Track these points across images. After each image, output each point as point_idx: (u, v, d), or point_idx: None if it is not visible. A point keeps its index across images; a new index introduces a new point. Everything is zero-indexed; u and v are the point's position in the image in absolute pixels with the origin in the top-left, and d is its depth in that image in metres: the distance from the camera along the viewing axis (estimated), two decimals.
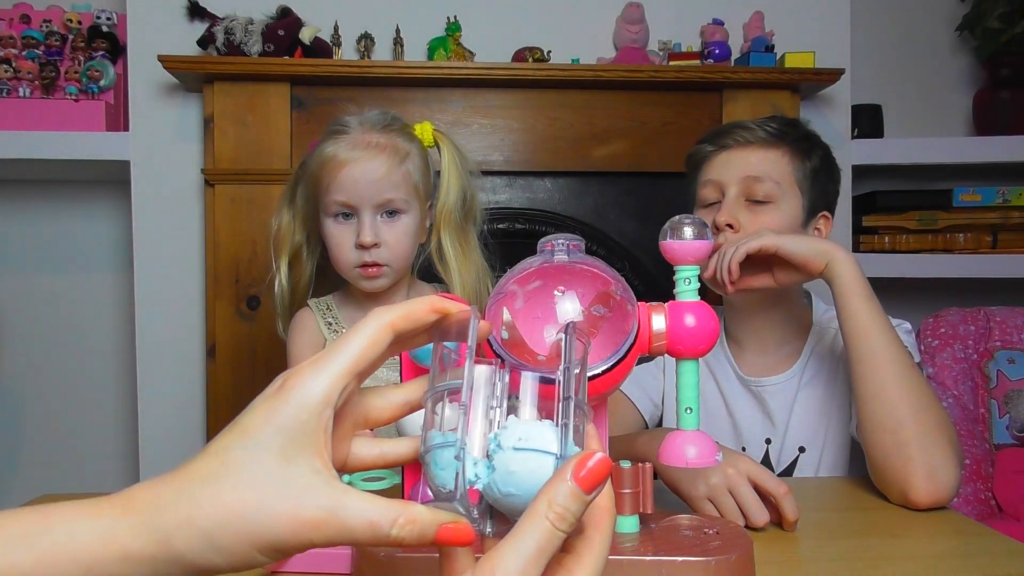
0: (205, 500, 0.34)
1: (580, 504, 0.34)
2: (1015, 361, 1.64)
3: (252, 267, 1.84)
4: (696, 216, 0.67)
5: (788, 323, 1.21)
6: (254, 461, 0.35)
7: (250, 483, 0.34)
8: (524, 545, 0.33)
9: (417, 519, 0.35)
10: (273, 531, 0.34)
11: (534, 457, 0.36)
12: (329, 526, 0.34)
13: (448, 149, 1.22)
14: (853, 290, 1.02)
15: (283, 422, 0.36)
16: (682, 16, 2.01)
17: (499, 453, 0.36)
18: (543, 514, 0.33)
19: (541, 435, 0.37)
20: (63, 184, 2.17)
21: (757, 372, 1.21)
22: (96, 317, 2.19)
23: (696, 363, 0.66)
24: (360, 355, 0.38)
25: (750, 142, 1.18)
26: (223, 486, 0.34)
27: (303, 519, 0.34)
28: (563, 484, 0.34)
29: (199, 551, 0.34)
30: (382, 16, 1.94)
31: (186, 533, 0.34)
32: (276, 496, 0.34)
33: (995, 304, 1.76)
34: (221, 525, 0.34)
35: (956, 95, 2.35)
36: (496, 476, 0.36)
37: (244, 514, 0.34)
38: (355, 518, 0.34)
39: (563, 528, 0.33)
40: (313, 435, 0.36)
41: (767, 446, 1.18)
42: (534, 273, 0.64)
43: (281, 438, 0.35)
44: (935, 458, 0.92)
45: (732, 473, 0.85)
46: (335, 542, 0.35)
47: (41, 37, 1.95)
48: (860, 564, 0.77)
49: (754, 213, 1.16)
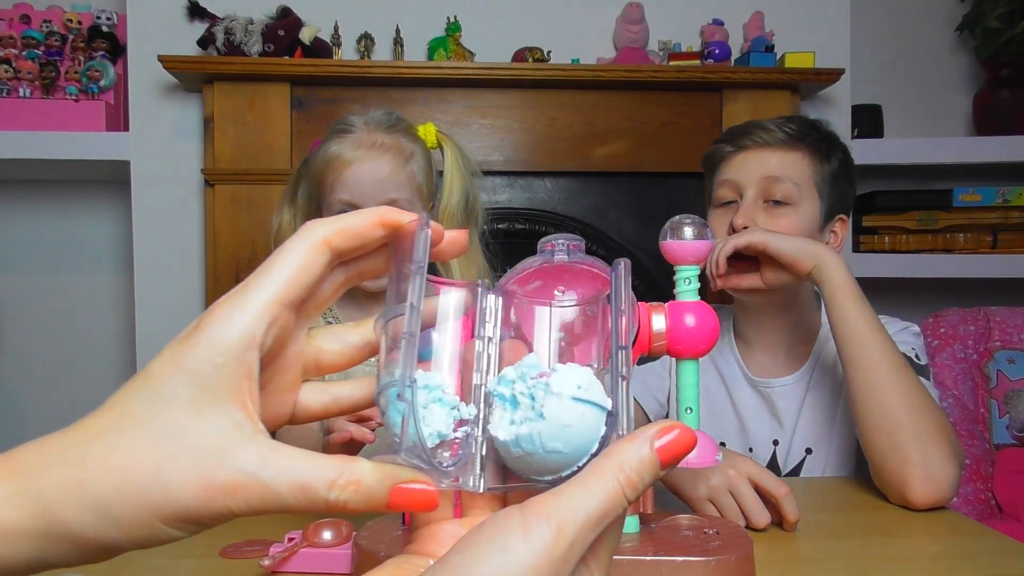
0: (95, 461, 0.28)
1: (653, 476, 0.29)
2: (1015, 361, 1.64)
3: (252, 267, 1.80)
4: (696, 216, 0.66)
5: (799, 325, 1.21)
6: (157, 415, 0.29)
7: (150, 441, 0.28)
8: (592, 500, 0.27)
9: (362, 480, 0.29)
10: (178, 499, 0.28)
11: (592, 412, 0.30)
12: (249, 490, 0.28)
13: (451, 150, 1.23)
14: (843, 292, 1.01)
15: (194, 367, 0.29)
16: (682, 16, 2.01)
17: (551, 400, 0.30)
18: (614, 474, 0.28)
19: (596, 385, 0.31)
20: (63, 184, 2.17)
21: (765, 373, 1.20)
22: (96, 317, 2.19)
23: (696, 363, 0.66)
24: (289, 281, 0.31)
25: (769, 143, 1.17)
26: (118, 443, 0.28)
27: (217, 483, 0.28)
28: (641, 448, 0.28)
29: (89, 523, 0.28)
30: (382, 16, 1.94)
31: (73, 502, 0.28)
32: (181, 457, 0.28)
33: (995, 304, 1.76)
34: (116, 491, 0.28)
35: (956, 95, 2.35)
36: (543, 427, 0.30)
37: (141, 478, 0.28)
38: (282, 480, 0.28)
39: (630, 494, 0.28)
40: (232, 381, 0.29)
41: (774, 447, 1.18)
42: (534, 273, 0.64)
43: (192, 386, 0.29)
44: (932, 458, 0.92)
45: (733, 474, 0.85)
46: (260, 510, 0.29)
47: (41, 37, 1.95)
48: (860, 564, 0.77)
49: (772, 216, 1.14)
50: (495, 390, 0.32)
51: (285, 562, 0.71)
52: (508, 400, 0.31)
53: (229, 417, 0.29)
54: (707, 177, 1.26)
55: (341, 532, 0.73)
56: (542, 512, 0.27)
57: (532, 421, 0.30)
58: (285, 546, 0.72)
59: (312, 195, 1.21)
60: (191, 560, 0.78)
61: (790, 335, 1.20)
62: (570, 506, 0.27)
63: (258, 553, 0.75)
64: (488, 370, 0.33)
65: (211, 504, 0.28)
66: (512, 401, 0.31)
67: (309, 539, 0.73)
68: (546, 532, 0.27)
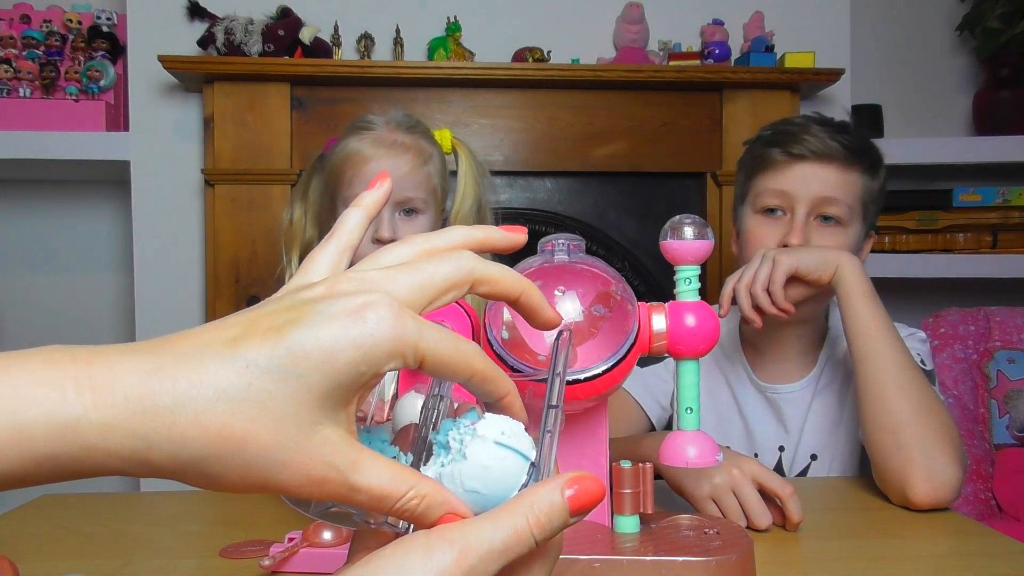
0: (208, 421, 0.28)
1: (562, 521, 0.30)
2: (1015, 361, 1.64)
3: (252, 267, 1.84)
4: (696, 216, 0.66)
5: (811, 332, 1.20)
6: (290, 398, 0.28)
7: (273, 423, 0.28)
8: (498, 533, 0.29)
9: (427, 496, 0.30)
10: (274, 477, 0.29)
11: (513, 458, 0.32)
12: (335, 485, 0.30)
13: (466, 156, 1.25)
14: (857, 292, 1.01)
15: (344, 368, 0.29)
16: (682, 16, 2.01)
17: (475, 442, 0.32)
18: (523, 512, 0.30)
19: (523, 436, 0.33)
20: (63, 184, 2.17)
21: (773, 379, 1.19)
22: (96, 317, 2.19)
23: (696, 363, 0.66)
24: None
25: (827, 156, 1.11)
26: (240, 412, 0.28)
27: (311, 475, 0.29)
28: (552, 493, 0.30)
29: (181, 472, 0.28)
30: (382, 16, 1.94)
31: (174, 452, 0.28)
32: (294, 448, 0.29)
33: (995, 304, 1.76)
34: (219, 457, 0.28)
35: (956, 95, 2.35)
36: (464, 466, 0.32)
37: (252, 455, 0.28)
38: (364, 484, 0.30)
39: (538, 535, 0.29)
40: (340, 382, 0.30)
41: (780, 453, 1.17)
42: (534, 273, 0.64)
43: (331, 382, 0.29)
44: (935, 460, 0.92)
45: (736, 474, 0.85)
46: (336, 500, 0.31)
47: (41, 37, 1.95)
48: (860, 564, 0.77)
49: (820, 234, 1.11)
50: (434, 438, 0.34)
51: (285, 562, 0.71)
52: (443, 446, 0.33)
53: (342, 415, 0.30)
54: (746, 174, 1.20)
55: (341, 532, 0.73)
56: (446, 536, 0.29)
57: (456, 462, 0.32)
58: (285, 546, 0.72)
59: (326, 191, 1.22)
60: (191, 560, 0.78)
61: (801, 342, 1.19)
62: (474, 533, 0.29)
63: (258, 553, 0.75)
64: (436, 423, 0.35)
65: (299, 488, 0.29)
66: (446, 447, 0.33)
67: (309, 539, 0.73)
68: (447, 555, 0.28)
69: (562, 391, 0.35)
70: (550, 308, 0.37)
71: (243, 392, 0.28)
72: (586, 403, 0.65)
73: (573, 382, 0.61)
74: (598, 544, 0.66)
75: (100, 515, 0.90)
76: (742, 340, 1.23)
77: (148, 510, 0.97)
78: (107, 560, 0.77)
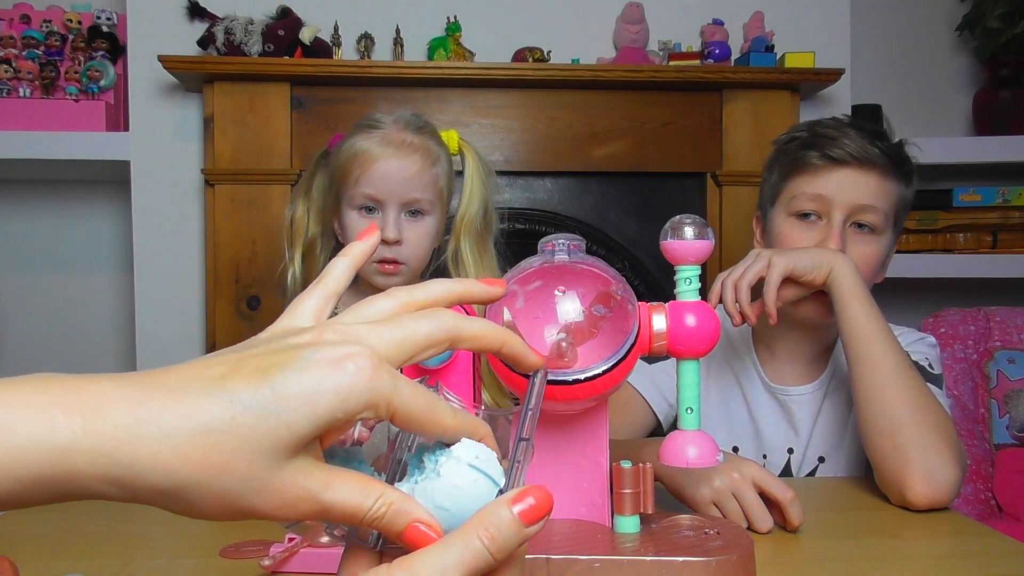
0: (190, 452, 0.29)
1: (517, 533, 0.32)
2: (1015, 361, 1.64)
3: (252, 267, 1.84)
4: (697, 216, 0.66)
5: (823, 335, 1.19)
6: (270, 435, 0.30)
7: (250, 455, 0.30)
8: (449, 553, 0.31)
9: (393, 503, 0.32)
10: (250, 503, 0.31)
11: (484, 481, 0.34)
12: (308, 504, 0.32)
13: (472, 158, 1.25)
14: (852, 294, 1.01)
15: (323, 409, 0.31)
16: (682, 16, 2.01)
17: (449, 462, 0.34)
18: (474, 530, 0.32)
19: (495, 464, 0.35)
20: (63, 184, 2.17)
21: (784, 380, 1.19)
22: (96, 317, 2.19)
23: (697, 363, 0.66)
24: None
25: (868, 164, 1.10)
26: (221, 445, 0.30)
27: (285, 498, 0.31)
28: (499, 509, 0.32)
29: (162, 499, 0.30)
30: (382, 16, 1.94)
31: (158, 481, 0.29)
32: (270, 477, 0.31)
33: (995, 304, 1.76)
34: (198, 485, 0.30)
35: (956, 95, 2.35)
36: (437, 483, 0.34)
37: (230, 483, 0.30)
38: (337, 501, 0.32)
39: (494, 550, 0.32)
40: (332, 428, 0.33)
41: (789, 455, 1.17)
42: (534, 273, 0.64)
43: (310, 424, 0.31)
44: (933, 461, 0.92)
45: (737, 477, 0.85)
46: (312, 520, 0.33)
47: (41, 37, 1.95)
48: (860, 564, 0.77)
49: (854, 241, 1.10)
50: (409, 458, 0.36)
51: (285, 562, 0.71)
52: (417, 467, 0.35)
53: (307, 449, 0.32)
54: (780, 175, 1.17)
55: None
56: (405, 564, 0.31)
57: (430, 479, 0.34)
58: (285, 546, 0.72)
59: (330, 188, 1.21)
60: (191, 560, 0.78)
61: (814, 344, 1.19)
62: (428, 559, 0.31)
63: (258, 553, 0.75)
64: (412, 446, 0.37)
65: (274, 512, 0.31)
66: (420, 468, 0.35)
67: (309, 539, 0.73)
68: None
69: (534, 425, 0.38)
70: (531, 353, 0.40)
71: (225, 425, 0.30)
72: (586, 403, 0.65)
73: (573, 382, 0.61)
74: (598, 544, 0.66)
75: (100, 515, 0.90)
76: (755, 340, 1.23)
77: (148, 510, 0.97)
78: (107, 560, 0.77)
